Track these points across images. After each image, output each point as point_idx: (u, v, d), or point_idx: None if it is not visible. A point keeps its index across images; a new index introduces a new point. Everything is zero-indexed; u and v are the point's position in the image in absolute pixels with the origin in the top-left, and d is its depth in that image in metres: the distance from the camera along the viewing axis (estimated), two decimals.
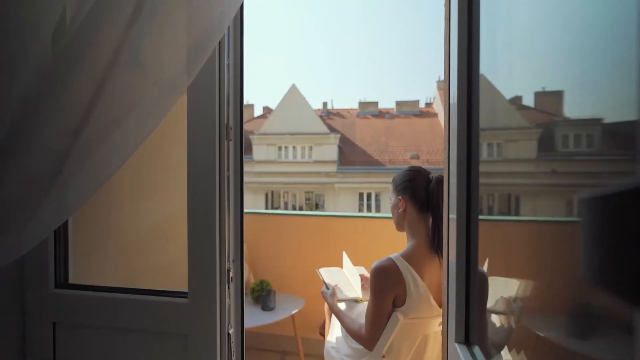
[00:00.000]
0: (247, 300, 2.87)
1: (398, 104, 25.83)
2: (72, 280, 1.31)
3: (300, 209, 21.41)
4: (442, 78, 1.04)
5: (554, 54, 0.58)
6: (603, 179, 0.47)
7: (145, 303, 1.16)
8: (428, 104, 26.86)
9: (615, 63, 0.41)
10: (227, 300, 1.12)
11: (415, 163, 19.75)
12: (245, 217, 1.19)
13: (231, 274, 1.14)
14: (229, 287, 1.14)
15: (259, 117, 26.20)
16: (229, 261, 1.14)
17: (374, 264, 1.50)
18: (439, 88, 24.94)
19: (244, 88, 1.15)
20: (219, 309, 1.11)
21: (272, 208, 21.40)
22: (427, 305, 1.49)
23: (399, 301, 1.48)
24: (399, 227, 1.65)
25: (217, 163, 1.11)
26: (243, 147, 1.17)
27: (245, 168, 1.22)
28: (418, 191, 1.57)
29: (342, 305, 1.83)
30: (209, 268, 1.10)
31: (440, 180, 1.56)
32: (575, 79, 0.52)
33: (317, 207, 21.61)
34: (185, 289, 1.14)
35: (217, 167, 1.10)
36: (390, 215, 1.67)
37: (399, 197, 1.60)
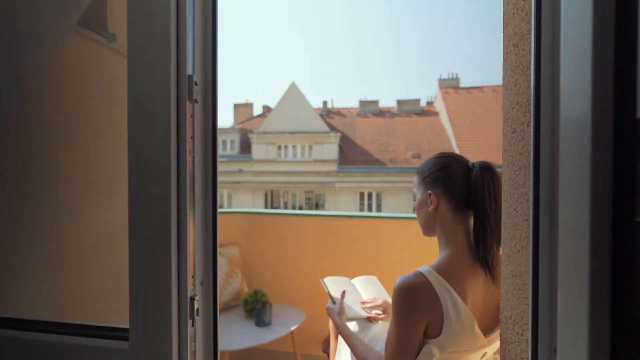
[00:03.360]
0: (239, 314, 2.50)
1: (399, 102, 25.58)
2: None
3: (300, 208, 21.09)
4: (443, 77, 0.67)
5: None
6: None
7: (63, 347, 0.77)
8: (429, 103, 26.69)
9: None
10: (189, 343, 0.74)
11: (417, 162, 19.38)
12: (237, 218, 0.81)
13: (197, 304, 0.74)
14: (193, 324, 0.74)
15: (258, 116, 25.98)
16: (194, 285, 0.75)
17: (399, 279, 1.11)
18: (440, 87, 24.65)
19: (217, 24, 0.76)
20: (178, 356, 0.73)
21: (272, 208, 21.04)
22: (471, 335, 1.10)
23: (433, 330, 1.09)
24: (427, 230, 1.26)
25: (175, 136, 0.71)
26: (217, 114, 0.78)
27: (245, 167, 0.82)
28: (455, 182, 1.19)
29: (352, 325, 1.46)
30: (162, 296, 0.70)
31: (486, 168, 1.17)
32: None
33: (317, 206, 21.31)
34: (127, 325, 0.76)
35: (173, 143, 0.71)
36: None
37: (428, 191, 1.21)
